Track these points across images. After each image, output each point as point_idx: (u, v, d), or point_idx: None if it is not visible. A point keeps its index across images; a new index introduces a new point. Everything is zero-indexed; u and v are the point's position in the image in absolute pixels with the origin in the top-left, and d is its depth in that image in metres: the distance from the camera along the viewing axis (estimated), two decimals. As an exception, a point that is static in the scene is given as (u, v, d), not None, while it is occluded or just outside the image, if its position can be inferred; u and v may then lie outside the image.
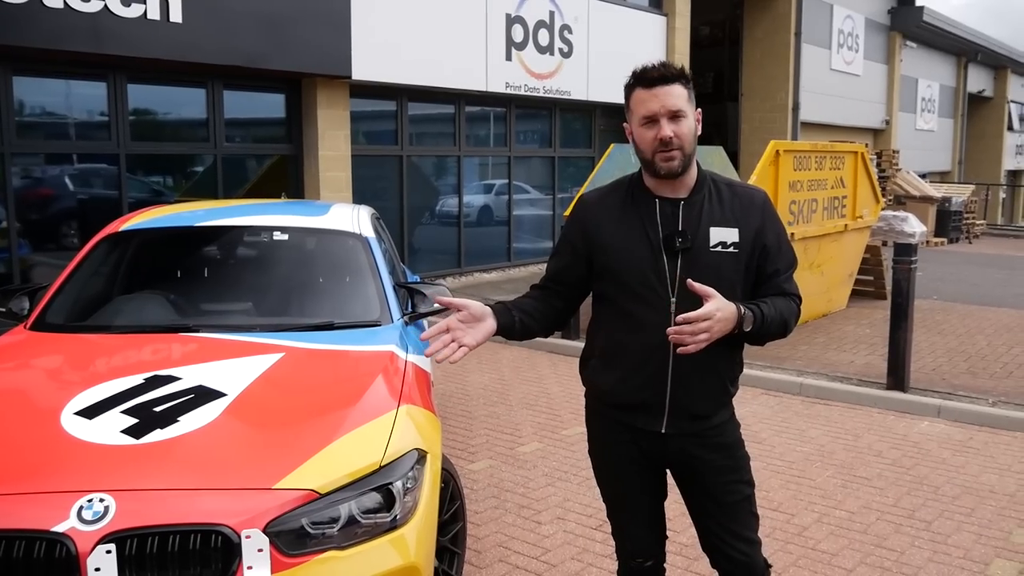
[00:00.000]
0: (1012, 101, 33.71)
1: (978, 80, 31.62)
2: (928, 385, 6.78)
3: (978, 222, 21.94)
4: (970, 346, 8.42)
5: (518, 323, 2.44)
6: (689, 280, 2.23)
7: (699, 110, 2.37)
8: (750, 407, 6.34)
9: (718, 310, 2.19)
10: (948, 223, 19.41)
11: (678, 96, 2.29)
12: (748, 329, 2.28)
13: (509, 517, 4.34)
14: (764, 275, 2.41)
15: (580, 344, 8.12)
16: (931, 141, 28.65)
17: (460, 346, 2.27)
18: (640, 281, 2.35)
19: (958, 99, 30.59)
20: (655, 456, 2.48)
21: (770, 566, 2.57)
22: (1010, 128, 33.58)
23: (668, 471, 2.57)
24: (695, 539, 2.66)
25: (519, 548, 3.99)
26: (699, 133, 2.37)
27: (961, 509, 4.52)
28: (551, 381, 7.15)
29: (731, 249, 2.34)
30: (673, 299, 2.31)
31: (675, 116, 2.28)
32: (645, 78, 2.31)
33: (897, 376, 6.58)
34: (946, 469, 5.12)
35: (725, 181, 2.45)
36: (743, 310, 2.26)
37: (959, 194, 20.67)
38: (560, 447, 5.43)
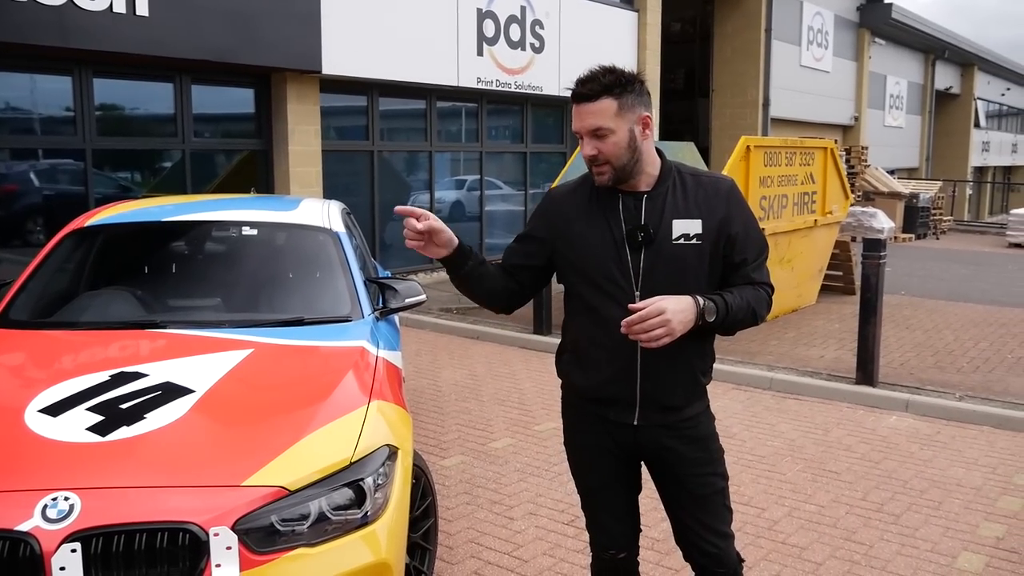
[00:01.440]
0: (979, 98, 34.21)
1: (946, 77, 32.05)
2: (897, 380, 6.86)
3: (945, 218, 22.24)
4: (938, 341, 8.53)
5: (473, 257, 2.48)
6: (631, 305, 2.20)
7: (647, 115, 2.33)
8: (720, 402, 6.37)
9: (667, 309, 2.17)
10: (916, 219, 19.65)
11: (599, 114, 2.26)
12: (711, 320, 2.27)
13: (481, 513, 4.33)
14: (732, 264, 2.41)
15: (552, 340, 8.18)
16: (899, 138, 29.00)
17: (431, 224, 2.35)
18: (604, 275, 2.35)
19: (926, 96, 30.98)
20: (629, 448, 2.48)
21: (743, 560, 2.58)
22: (977, 125, 34.07)
23: (642, 464, 2.57)
24: (668, 533, 2.67)
25: (491, 544, 3.99)
26: (645, 138, 2.33)
27: (929, 503, 4.57)
28: (523, 377, 7.15)
29: (694, 241, 2.34)
30: (638, 293, 2.31)
31: (596, 134, 2.28)
32: (573, 94, 2.31)
33: (866, 371, 6.65)
34: (914, 463, 5.18)
35: (691, 171, 2.44)
36: (703, 302, 2.26)
37: (927, 190, 20.94)
38: (532, 443, 5.43)
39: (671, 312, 2.18)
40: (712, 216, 2.36)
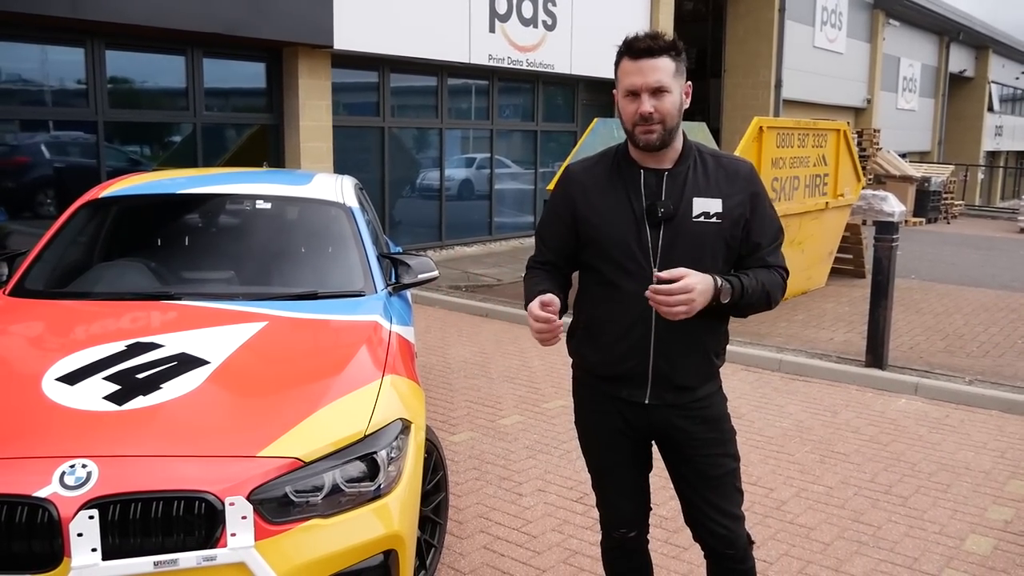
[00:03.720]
0: (993, 82, 33.89)
1: (960, 60, 31.74)
2: (906, 363, 6.85)
3: (956, 203, 22.11)
4: (947, 325, 8.51)
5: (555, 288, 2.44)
6: (659, 273, 2.21)
7: (689, 83, 2.35)
8: (729, 383, 6.34)
9: (695, 288, 2.17)
10: (927, 203, 19.55)
11: (663, 70, 2.25)
12: (725, 301, 2.28)
13: (490, 489, 4.36)
14: (748, 247, 2.41)
15: (563, 319, 8.17)
16: (912, 121, 28.78)
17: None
18: (622, 251, 2.34)
19: (939, 79, 30.71)
20: (640, 427, 2.49)
21: (752, 541, 2.60)
22: (990, 109, 33.77)
23: (653, 443, 2.58)
24: (676, 511, 2.68)
25: (500, 519, 4.01)
26: (687, 107, 2.35)
27: (937, 485, 4.58)
28: (532, 355, 7.16)
29: (714, 219, 2.34)
30: (655, 270, 2.30)
31: (657, 91, 2.26)
32: (632, 49, 2.28)
33: (876, 354, 6.64)
34: (923, 446, 5.18)
35: (711, 152, 2.44)
36: (720, 282, 2.26)
37: (938, 174, 20.80)
38: (541, 420, 5.45)
39: (697, 292, 2.18)
40: (731, 197, 2.36)
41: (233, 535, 2.37)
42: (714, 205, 2.34)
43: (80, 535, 2.28)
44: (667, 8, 15.86)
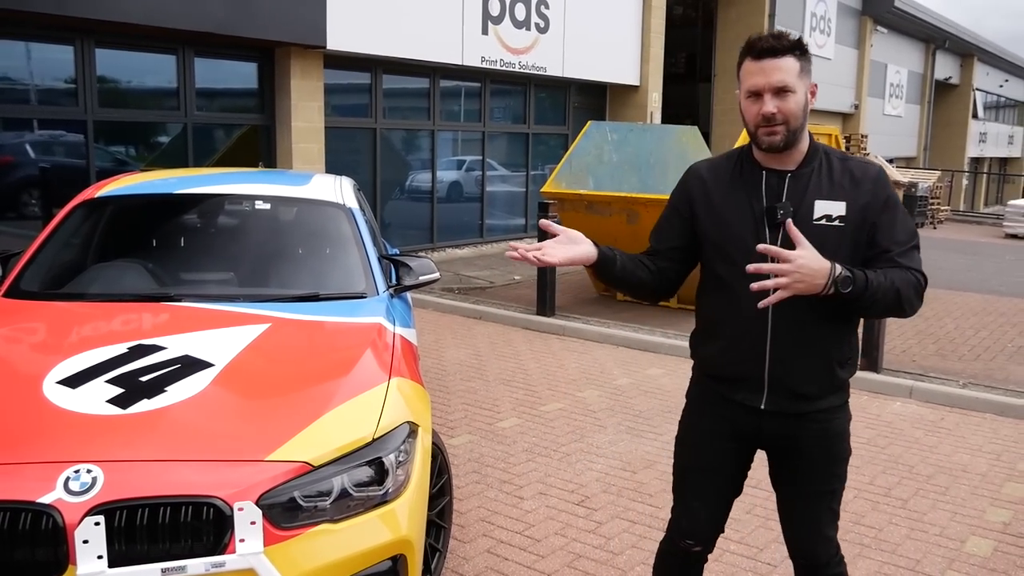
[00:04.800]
0: (977, 89, 34.17)
1: (945, 67, 31.99)
2: (899, 366, 6.87)
3: (943, 208, 22.26)
4: (938, 329, 8.55)
5: (618, 258, 2.38)
6: (788, 221, 2.17)
7: (815, 83, 2.31)
8: (726, 386, 6.38)
9: (803, 257, 2.12)
10: (914, 208, 19.64)
11: (787, 71, 2.22)
12: (846, 291, 2.15)
13: (491, 492, 4.33)
14: (878, 250, 2.29)
15: (555, 322, 8.21)
16: (898, 127, 28.97)
17: (544, 256, 2.22)
18: (740, 252, 2.30)
19: (925, 86, 30.93)
20: (750, 433, 2.42)
21: (841, 558, 2.53)
22: (975, 116, 34.06)
23: (758, 455, 2.51)
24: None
25: (502, 523, 3.99)
26: (812, 106, 2.30)
27: (936, 488, 4.59)
28: (527, 358, 7.14)
29: (836, 223, 2.27)
30: (772, 274, 2.25)
31: (780, 92, 2.22)
32: (754, 49, 2.25)
33: (871, 357, 6.65)
34: (919, 449, 5.20)
35: (839, 155, 2.38)
36: (839, 270, 2.15)
37: (925, 180, 20.95)
38: (539, 423, 5.42)
39: (799, 266, 2.11)
40: (857, 200, 2.28)
41: (242, 541, 2.34)
42: (837, 208, 2.28)
43: (86, 542, 2.24)
44: (659, 12, 15.89)
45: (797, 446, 2.39)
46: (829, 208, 2.28)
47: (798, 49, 2.24)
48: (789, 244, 2.20)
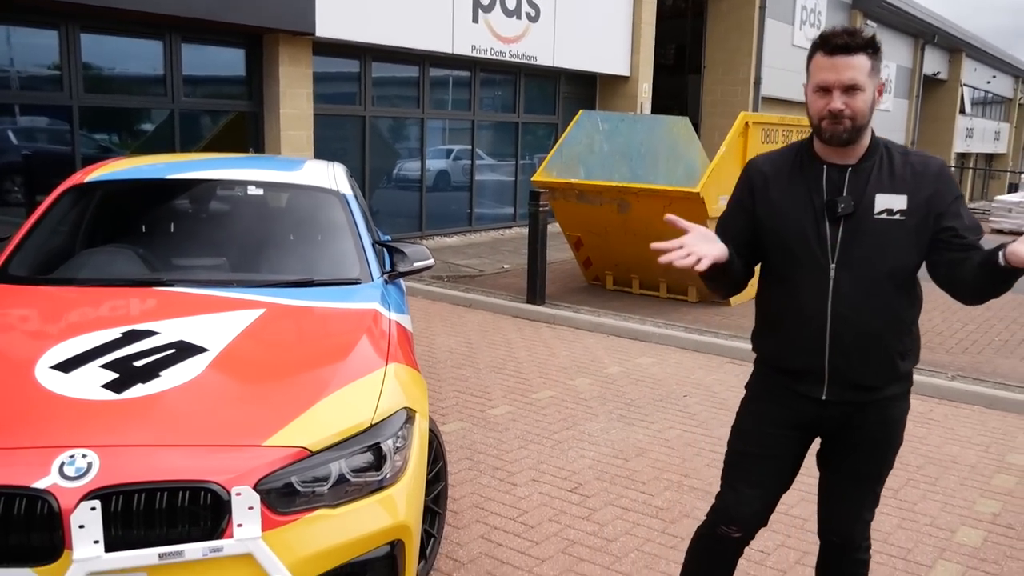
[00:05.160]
0: (965, 85, 34.32)
1: (934, 63, 32.09)
2: (888, 357, 6.89)
3: (928, 201, 22.35)
4: (927, 322, 8.52)
5: (732, 255, 2.36)
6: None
7: (883, 81, 2.31)
8: (716, 375, 6.40)
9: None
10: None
11: (858, 68, 2.21)
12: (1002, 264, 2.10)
13: (484, 479, 4.32)
14: (956, 245, 2.27)
15: (546, 311, 8.21)
16: (887, 121, 29.04)
17: (700, 257, 2.19)
18: (800, 245, 2.31)
19: (914, 80, 31.02)
20: (811, 423, 2.44)
21: (870, 546, 2.58)
22: (962, 111, 34.21)
23: (816, 444, 2.54)
24: (672, 502, 2.65)
25: (496, 509, 3.98)
26: (879, 104, 2.30)
27: (926, 478, 4.62)
28: (518, 346, 7.13)
29: (897, 216, 2.27)
30: (833, 265, 2.28)
31: (850, 89, 2.22)
32: (827, 44, 2.24)
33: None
34: (910, 440, 5.22)
35: (900, 149, 2.38)
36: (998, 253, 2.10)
37: (911, 173, 21.00)
38: (530, 411, 5.42)
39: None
40: (918, 193, 2.28)
41: (240, 526, 2.32)
42: (898, 202, 2.28)
43: (82, 527, 2.21)
44: (649, 4, 15.86)
45: (855, 432, 2.42)
46: (890, 202, 2.28)
47: (871, 47, 2.24)
48: (849, 238, 2.25)
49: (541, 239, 8.34)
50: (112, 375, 2.70)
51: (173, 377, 2.71)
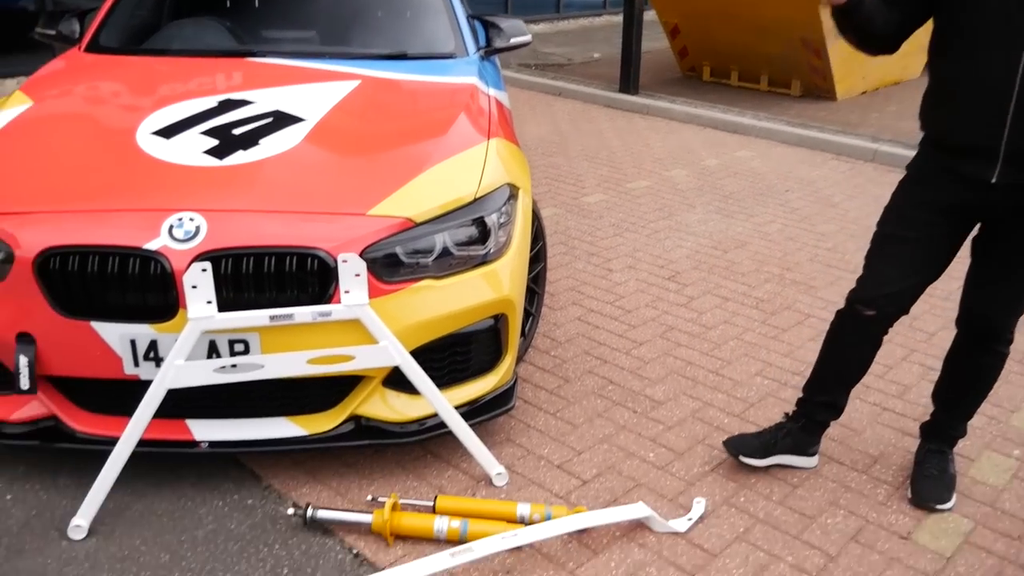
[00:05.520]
0: None
1: None
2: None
3: None
4: None
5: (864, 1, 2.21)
6: None
7: None
8: (820, 171, 6.10)
9: None
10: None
11: None
12: None
13: (579, 263, 4.28)
14: None
15: (639, 100, 7.84)
16: None
17: None
18: (986, 8, 2.06)
19: None
20: (974, 208, 2.27)
21: (1012, 339, 2.44)
22: None
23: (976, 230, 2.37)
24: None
25: (592, 293, 3.95)
26: None
27: None
28: (610, 135, 6.89)
29: None
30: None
31: None
32: None
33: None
34: None
35: None
36: None
37: None
38: (625, 199, 5.28)
39: None
40: None
41: (347, 292, 2.31)
42: None
43: (194, 287, 2.22)
44: None
45: (1021, 219, 2.23)
46: None
47: None
48: None
49: (637, 23, 7.87)
50: (213, 141, 2.66)
51: (273, 145, 2.65)
